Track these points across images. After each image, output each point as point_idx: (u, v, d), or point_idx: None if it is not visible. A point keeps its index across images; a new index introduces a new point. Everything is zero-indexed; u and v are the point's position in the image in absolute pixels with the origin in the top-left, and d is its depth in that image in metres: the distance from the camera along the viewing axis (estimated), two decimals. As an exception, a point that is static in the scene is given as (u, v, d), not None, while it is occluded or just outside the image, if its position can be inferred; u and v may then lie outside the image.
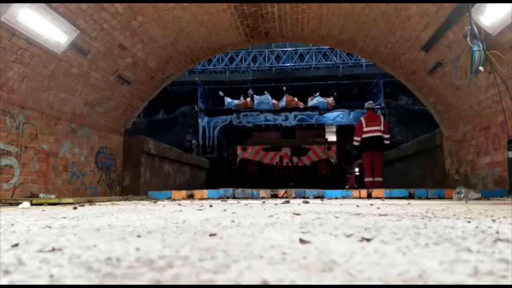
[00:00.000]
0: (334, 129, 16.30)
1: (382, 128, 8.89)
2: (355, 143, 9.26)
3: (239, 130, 15.98)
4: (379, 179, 8.82)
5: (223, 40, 8.44)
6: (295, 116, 16.30)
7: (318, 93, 16.91)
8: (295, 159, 12.72)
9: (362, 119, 9.24)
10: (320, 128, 16.03)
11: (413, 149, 10.31)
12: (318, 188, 6.59)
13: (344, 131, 15.29)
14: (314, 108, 16.38)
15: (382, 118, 9.38)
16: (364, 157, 9.18)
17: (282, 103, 16.67)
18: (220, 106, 17.11)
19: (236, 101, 16.98)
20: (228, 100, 17.04)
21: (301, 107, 16.60)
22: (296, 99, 16.75)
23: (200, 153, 15.63)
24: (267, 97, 16.82)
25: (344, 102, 16.70)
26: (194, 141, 15.82)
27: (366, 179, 9.00)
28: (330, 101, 16.50)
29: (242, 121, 16.27)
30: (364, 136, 8.99)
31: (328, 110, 16.19)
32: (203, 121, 16.26)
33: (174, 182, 11.13)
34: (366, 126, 9.00)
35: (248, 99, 17.03)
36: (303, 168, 12.82)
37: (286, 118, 16.31)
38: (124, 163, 8.86)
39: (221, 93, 17.34)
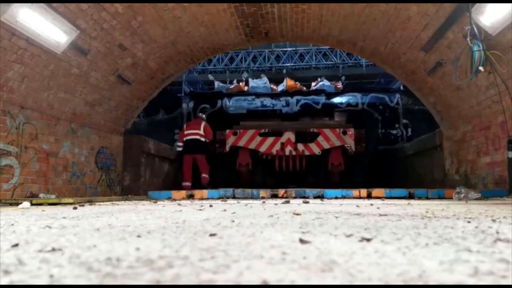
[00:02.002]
0: (345, 117, 13.02)
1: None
2: None
3: (231, 116, 13.04)
4: None
5: (223, 40, 8.44)
6: (298, 101, 13.57)
7: (323, 77, 14.83)
8: (300, 147, 10.02)
9: None
10: (329, 113, 13.05)
11: (413, 149, 10.30)
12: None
13: (357, 118, 12.46)
14: (320, 91, 13.75)
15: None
16: None
17: (282, 87, 14.15)
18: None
19: (228, 85, 14.62)
20: (219, 84, 14.71)
21: (305, 90, 14.04)
22: (298, 83, 14.35)
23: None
24: (264, 80, 14.47)
25: (356, 85, 14.36)
26: (177, 130, 13.24)
27: None
28: (338, 86, 14.21)
29: (235, 107, 13.70)
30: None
31: (336, 93, 13.67)
32: (187, 107, 13.64)
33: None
34: None
35: (242, 84, 14.59)
36: (312, 159, 10.18)
37: (287, 104, 13.63)
38: (124, 163, 8.86)
39: (211, 77, 15.60)
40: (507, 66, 5.32)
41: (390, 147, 12.42)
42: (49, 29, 5.50)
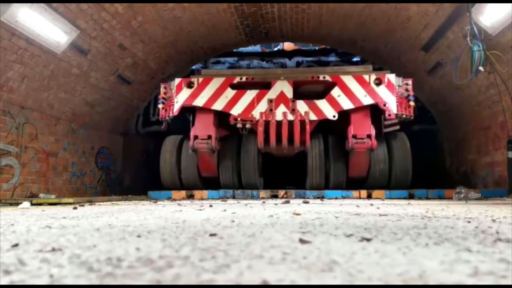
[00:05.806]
0: None
1: None
2: None
3: None
4: None
5: (223, 40, 8.44)
6: (299, 63, 10.03)
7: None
8: (302, 107, 5.91)
9: None
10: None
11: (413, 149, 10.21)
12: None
13: None
14: (329, 51, 9.93)
15: None
16: None
17: (278, 48, 10.70)
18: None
19: None
20: None
21: (309, 50, 10.37)
22: (300, 47, 10.67)
23: (140, 124, 9.66)
24: (256, 48, 10.65)
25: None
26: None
27: None
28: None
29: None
30: None
31: (351, 54, 9.70)
32: None
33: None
34: None
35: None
36: (322, 128, 6.26)
37: (283, 66, 10.00)
38: (124, 163, 8.86)
39: None
40: (507, 66, 5.32)
41: (429, 127, 9.06)
42: (49, 29, 5.50)
